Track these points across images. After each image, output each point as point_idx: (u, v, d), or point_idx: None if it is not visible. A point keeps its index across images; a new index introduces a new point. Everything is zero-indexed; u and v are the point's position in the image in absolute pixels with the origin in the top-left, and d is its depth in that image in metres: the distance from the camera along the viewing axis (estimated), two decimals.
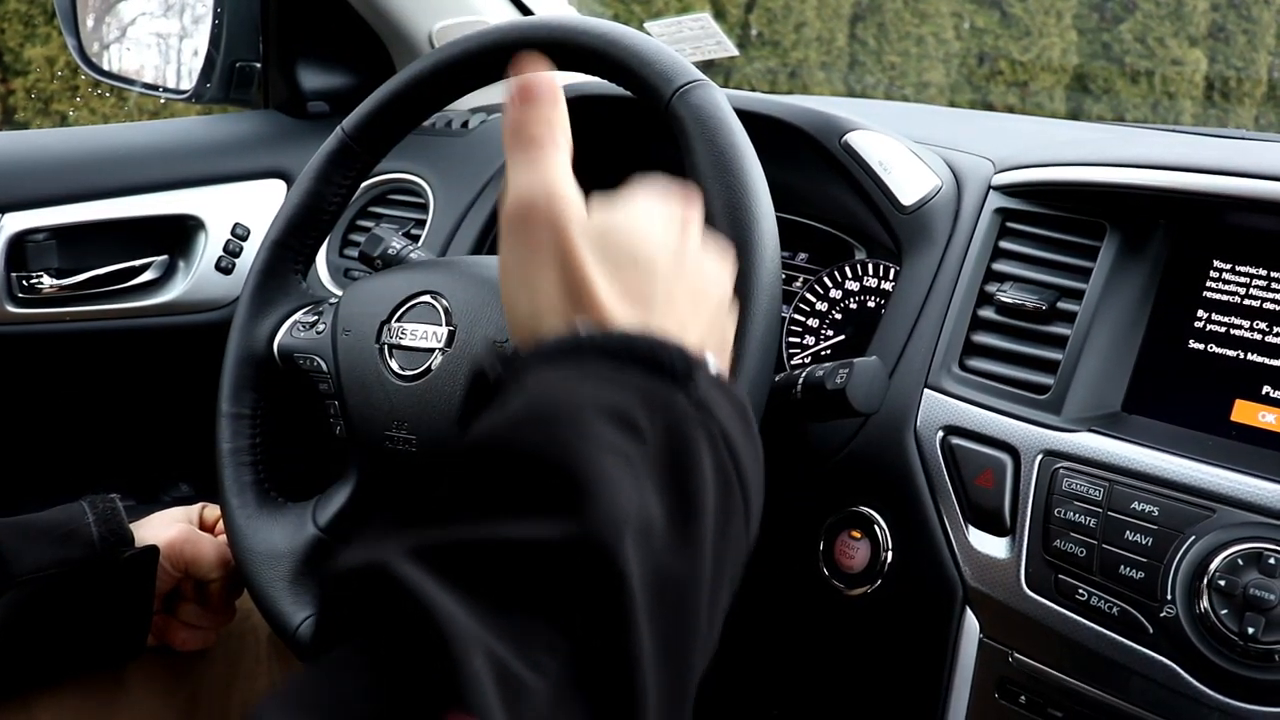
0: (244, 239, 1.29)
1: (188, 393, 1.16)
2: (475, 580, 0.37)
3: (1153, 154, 0.82)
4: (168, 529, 0.82)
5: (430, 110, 0.85)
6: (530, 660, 0.36)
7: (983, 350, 0.83)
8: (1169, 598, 0.70)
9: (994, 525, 0.78)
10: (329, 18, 1.38)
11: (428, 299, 0.78)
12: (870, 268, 0.98)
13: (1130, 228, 0.81)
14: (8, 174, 1.19)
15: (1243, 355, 0.78)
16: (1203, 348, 0.79)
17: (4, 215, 1.17)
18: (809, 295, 1.00)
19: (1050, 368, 0.80)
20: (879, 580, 0.82)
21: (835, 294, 0.99)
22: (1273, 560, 0.67)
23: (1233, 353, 0.78)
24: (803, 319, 1.00)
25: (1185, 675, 0.69)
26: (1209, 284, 0.80)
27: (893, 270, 0.96)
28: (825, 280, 1.00)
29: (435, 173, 1.20)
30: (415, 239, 1.16)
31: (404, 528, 0.40)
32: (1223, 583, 0.68)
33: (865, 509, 0.83)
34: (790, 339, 1.01)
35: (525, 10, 1.40)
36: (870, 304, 0.97)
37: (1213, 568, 0.68)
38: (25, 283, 1.19)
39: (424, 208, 1.19)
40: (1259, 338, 0.78)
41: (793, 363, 1.00)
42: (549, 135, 0.53)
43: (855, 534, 0.84)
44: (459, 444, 0.43)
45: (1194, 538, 0.70)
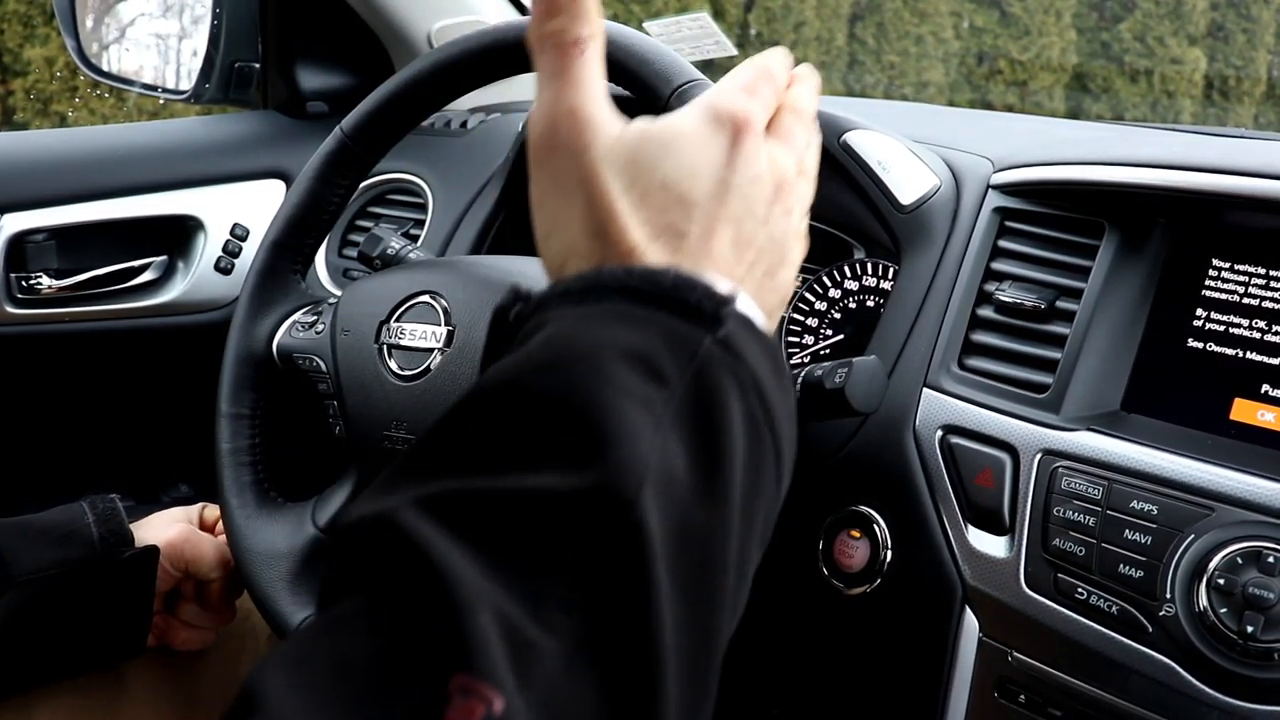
0: (243, 239, 1.29)
1: (187, 393, 1.16)
2: (484, 532, 0.35)
3: (1152, 153, 0.82)
4: (167, 529, 0.82)
5: (429, 110, 0.85)
6: (542, 619, 0.34)
7: (982, 349, 0.83)
8: (1168, 596, 0.70)
9: (993, 524, 0.78)
10: (328, 18, 1.38)
11: (427, 299, 0.78)
12: (869, 267, 0.98)
13: (1129, 227, 0.81)
14: (7, 174, 1.19)
15: (1242, 354, 0.78)
16: (1202, 346, 0.79)
17: (3, 216, 1.17)
18: (808, 295, 1.00)
19: (1049, 367, 0.80)
20: (878, 579, 0.82)
21: (834, 293, 0.99)
22: (1271, 559, 0.67)
23: (1232, 351, 0.78)
24: (801, 318, 1.00)
25: (1184, 674, 0.69)
26: (1208, 283, 0.80)
27: (892, 269, 0.96)
28: (824, 279, 1.00)
29: (434, 173, 1.20)
30: (414, 239, 1.16)
31: (414, 475, 0.38)
32: (1222, 581, 0.68)
33: (864, 508, 0.84)
34: (789, 338, 1.01)
35: (524, 10, 1.41)
36: (869, 303, 0.97)
37: (1212, 566, 0.68)
38: (25, 283, 1.19)
39: (423, 208, 1.19)
40: (1258, 336, 0.78)
41: (791, 362, 1.00)
42: (576, 43, 0.46)
43: (854, 533, 0.84)
44: (473, 386, 0.40)
45: (1193, 536, 0.70)
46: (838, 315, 0.99)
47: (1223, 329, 0.79)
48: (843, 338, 0.98)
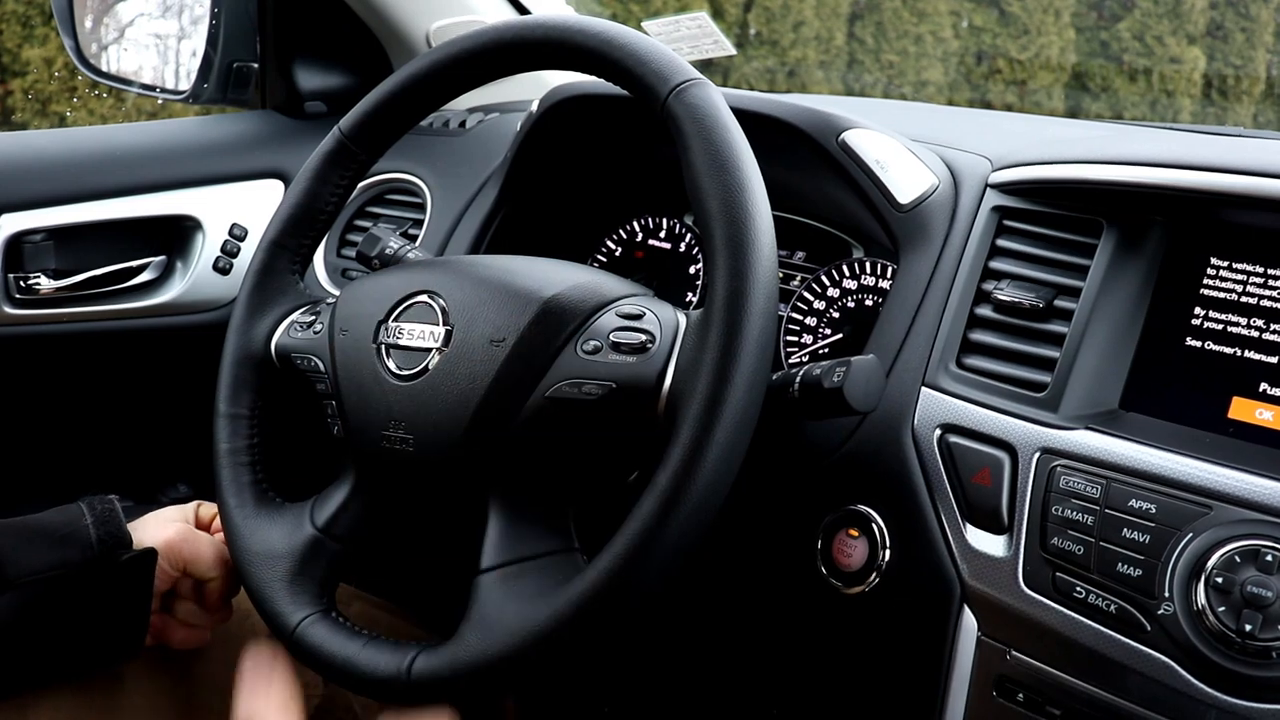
0: (241, 239, 1.29)
1: (185, 393, 1.16)
2: None
3: (1150, 151, 0.82)
4: (164, 529, 0.82)
5: (427, 110, 0.85)
6: None
7: (980, 348, 0.83)
8: (1166, 595, 0.70)
9: (991, 523, 0.78)
10: (326, 18, 1.38)
11: (425, 299, 0.78)
12: (868, 266, 0.98)
13: (1127, 225, 0.81)
14: (5, 175, 1.19)
15: (1240, 352, 0.78)
16: (1200, 345, 0.79)
17: (1, 216, 1.17)
18: (806, 294, 1.00)
19: (1048, 365, 0.80)
20: (877, 579, 0.82)
21: (833, 292, 0.99)
22: (1270, 557, 0.67)
23: (1230, 350, 0.78)
24: (800, 317, 1.00)
25: (1183, 672, 0.69)
26: (1206, 281, 0.80)
27: (890, 269, 0.96)
28: (823, 279, 1.00)
29: (432, 173, 1.20)
30: (413, 239, 1.16)
31: None
32: (1220, 580, 0.68)
33: (863, 507, 0.83)
34: (788, 337, 1.01)
35: (522, 9, 1.41)
36: (868, 302, 0.97)
37: (1210, 565, 0.68)
38: (23, 284, 1.19)
39: (421, 208, 1.19)
40: (1256, 335, 0.78)
41: (790, 361, 1.00)
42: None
43: (853, 533, 0.84)
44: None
45: (1191, 535, 0.70)
46: (836, 314, 0.99)
47: (1221, 328, 0.79)
48: (841, 337, 0.98)
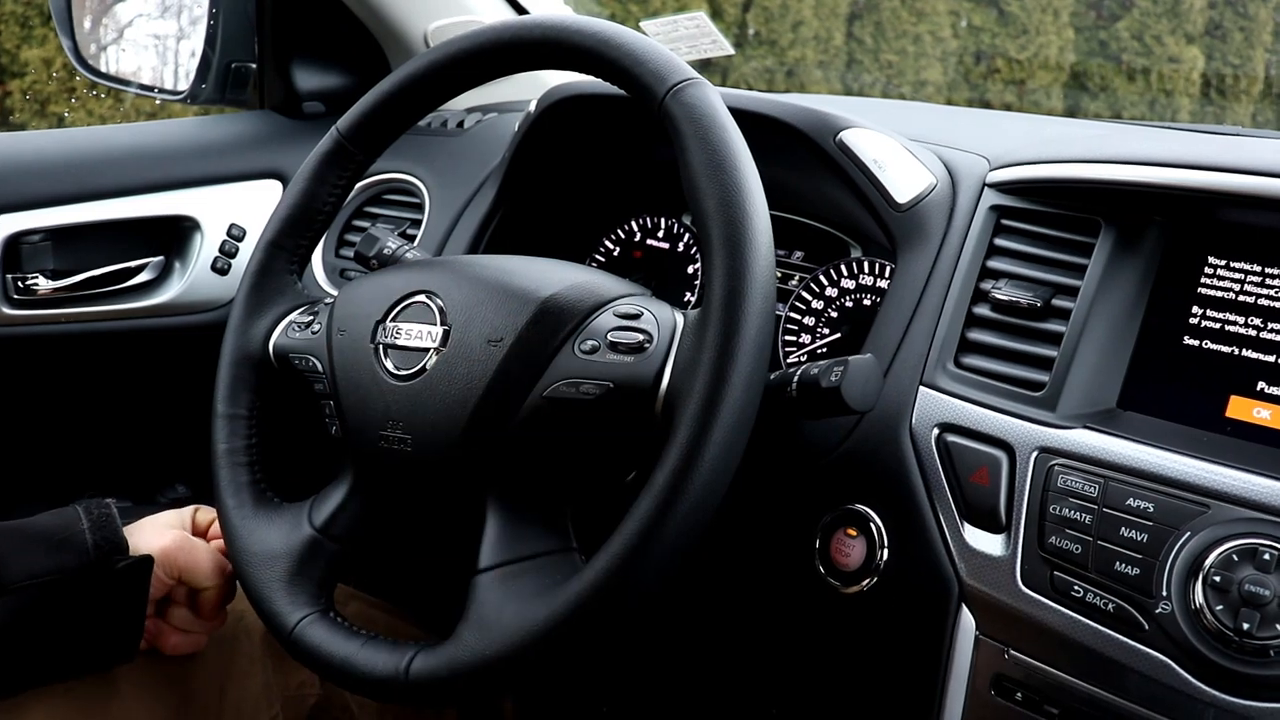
0: (240, 239, 1.29)
1: (184, 393, 1.16)
2: None
3: (1147, 150, 0.82)
4: (161, 536, 0.81)
5: (425, 110, 0.85)
6: None
7: (978, 347, 0.83)
8: (1164, 594, 0.70)
9: (989, 522, 0.78)
10: (324, 18, 1.38)
11: (422, 299, 0.78)
12: (866, 265, 0.98)
13: (1125, 224, 0.81)
14: (3, 175, 1.19)
15: (1237, 351, 0.78)
16: (1198, 344, 0.79)
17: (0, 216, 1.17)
18: (804, 293, 1.00)
19: (1045, 365, 0.80)
20: (875, 578, 0.82)
21: (831, 292, 0.99)
22: (1267, 556, 0.67)
23: (1227, 349, 0.78)
24: (798, 317, 1.00)
25: (1181, 671, 0.69)
26: (1204, 280, 0.80)
27: (888, 268, 0.96)
28: (821, 278, 1.00)
29: (431, 173, 1.20)
30: (411, 239, 1.16)
31: None
32: (1218, 578, 0.68)
33: (861, 507, 0.83)
34: (786, 337, 1.01)
35: (520, 9, 1.41)
36: (866, 302, 0.97)
37: (1208, 564, 0.68)
38: (21, 284, 1.19)
39: (419, 208, 1.19)
40: (1254, 334, 0.78)
41: (788, 361, 1.00)
42: None
43: (851, 532, 0.84)
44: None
45: (1189, 534, 0.70)
46: (834, 314, 0.99)
47: (1218, 326, 0.79)
48: (839, 336, 0.98)
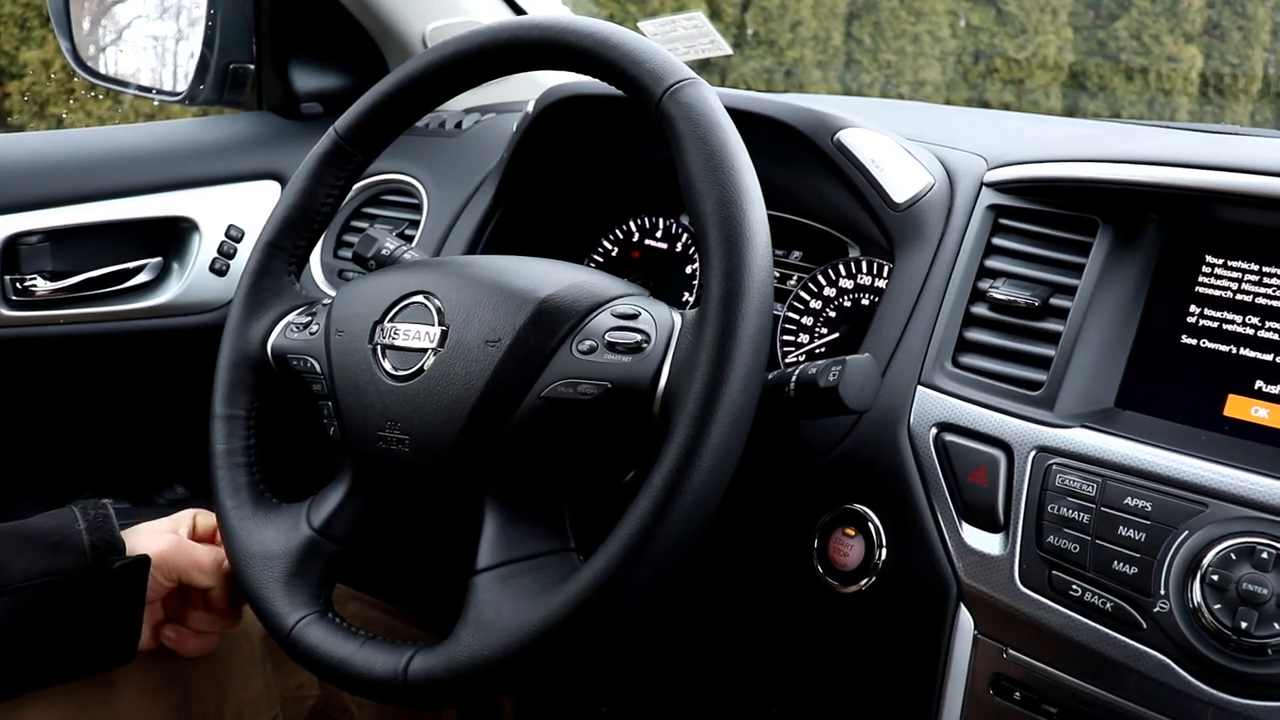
0: (238, 240, 1.29)
1: (182, 395, 1.16)
2: None
3: (1145, 149, 0.82)
4: (156, 540, 0.81)
5: (423, 110, 0.85)
6: None
7: (976, 347, 0.83)
8: (1162, 593, 0.70)
9: (987, 522, 0.78)
10: (322, 19, 1.37)
11: (420, 299, 0.78)
12: (864, 265, 0.98)
13: (1123, 223, 0.82)
14: (2, 177, 1.19)
15: (1235, 350, 0.78)
16: (1195, 343, 0.79)
17: None
18: (802, 293, 1.00)
19: (1043, 364, 0.80)
20: (873, 577, 0.82)
21: (829, 292, 0.99)
22: (1265, 555, 0.67)
23: (1225, 348, 0.78)
24: (796, 317, 1.00)
25: (1179, 670, 0.69)
26: (1201, 279, 0.80)
27: (886, 267, 0.96)
28: (819, 278, 1.00)
29: (429, 173, 1.20)
30: (409, 239, 1.16)
31: None
32: (1215, 577, 0.68)
33: (859, 506, 0.83)
34: (785, 337, 1.01)
35: (518, 10, 1.41)
36: (864, 301, 0.97)
37: (1205, 563, 0.68)
38: (19, 285, 1.19)
39: (417, 208, 1.19)
40: (1251, 332, 0.78)
41: (786, 361, 1.00)
42: None
43: (849, 532, 0.84)
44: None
45: (1187, 533, 0.70)
46: (832, 314, 0.99)
47: (1216, 325, 0.79)
48: (838, 336, 0.98)
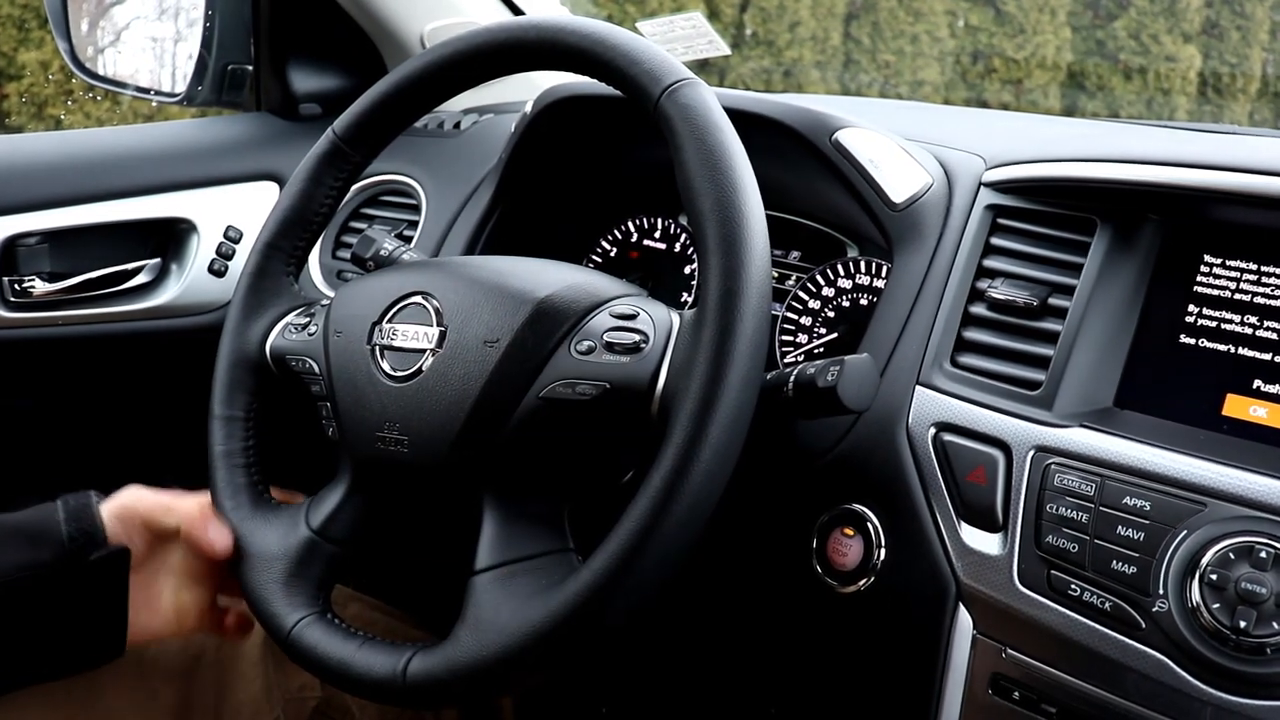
0: (236, 241, 1.29)
1: (180, 396, 1.16)
2: None
3: (1143, 149, 0.82)
4: (116, 499, 0.80)
5: (421, 111, 0.85)
6: None
7: (974, 347, 0.83)
8: (1161, 592, 0.70)
9: (986, 522, 0.78)
10: (320, 20, 1.37)
11: (419, 300, 0.78)
12: (862, 265, 0.98)
13: (1121, 223, 0.82)
14: (0, 178, 1.19)
15: (1234, 350, 0.78)
16: (1194, 342, 0.79)
17: None
18: (801, 293, 1.00)
19: (1042, 364, 0.80)
20: (872, 577, 0.82)
21: (828, 292, 0.99)
22: (1264, 554, 0.67)
23: (1224, 347, 0.79)
24: (795, 317, 1.00)
25: (1178, 669, 0.69)
26: (1200, 279, 0.80)
27: (885, 268, 0.96)
28: (818, 278, 1.00)
29: (427, 174, 1.20)
30: (407, 240, 1.16)
31: None
32: (1214, 577, 0.68)
33: (858, 506, 0.84)
34: (783, 337, 1.01)
35: (517, 11, 1.41)
36: (863, 301, 0.97)
37: (1204, 562, 0.68)
38: (17, 286, 1.19)
39: (416, 209, 1.19)
40: (1250, 332, 0.78)
41: (785, 361, 1.00)
42: None
43: (848, 532, 0.84)
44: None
45: (1186, 532, 0.70)
46: (831, 314, 0.99)
47: (1215, 325, 0.79)
48: (836, 336, 0.98)
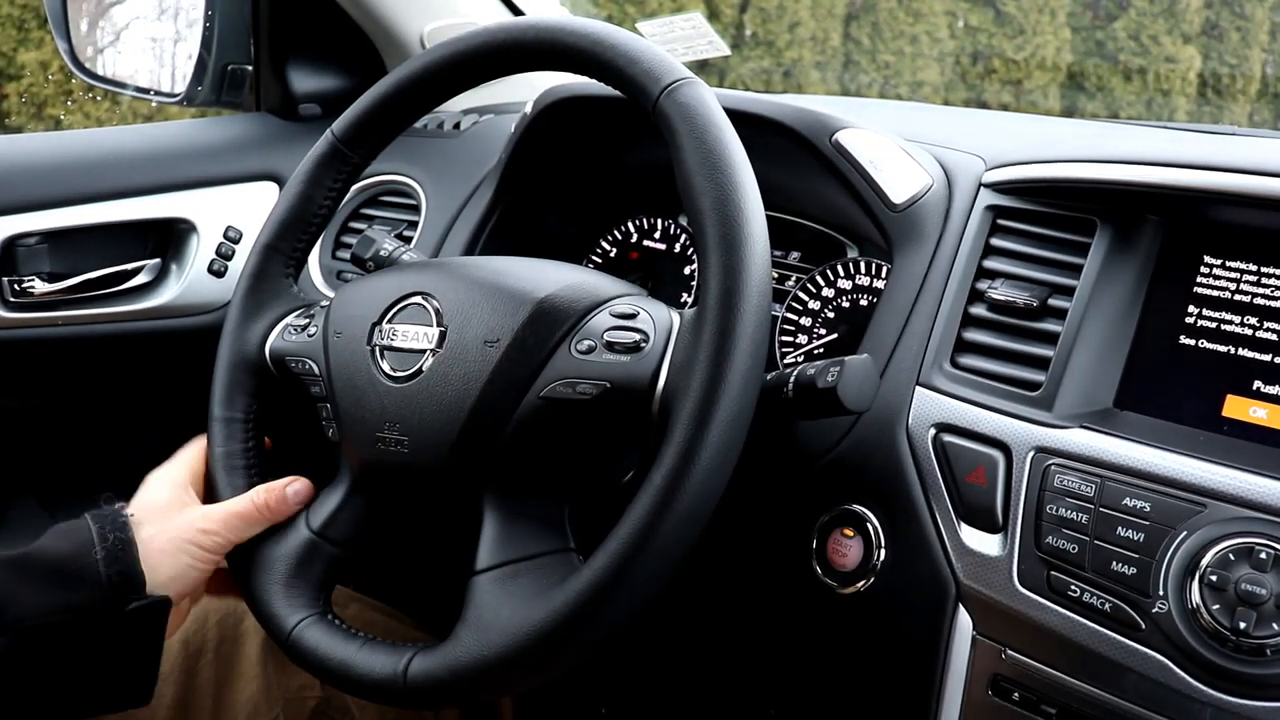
0: (236, 242, 1.29)
1: (180, 397, 1.16)
2: None
3: (1143, 150, 0.82)
4: (158, 491, 0.79)
5: (421, 112, 0.85)
6: None
7: (974, 347, 0.83)
8: (1160, 593, 0.70)
9: (986, 522, 0.78)
10: (320, 20, 1.37)
11: (418, 300, 0.78)
12: (862, 266, 0.98)
13: (1121, 224, 0.82)
14: (0, 178, 1.19)
15: (1233, 350, 0.78)
16: (1194, 343, 0.79)
17: None
18: (801, 294, 1.00)
19: (1042, 364, 0.80)
20: (872, 578, 0.82)
21: (828, 292, 0.99)
22: (1264, 555, 0.67)
23: (1224, 348, 0.78)
24: (795, 318, 1.00)
25: (1177, 670, 0.69)
26: (1199, 279, 0.80)
27: (885, 268, 0.96)
28: (818, 279, 1.00)
29: (427, 174, 1.20)
30: (407, 240, 1.16)
31: None
32: (1214, 578, 0.68)
33: (857, 507, 0.83)
34: (783, 338, 1.01)
35: (516, 11, 1.41)
36: (863, 302, 0.97)
37: (1204, 563, 0.68)
38: (17, 287, 1.19)
39: (416, 209, 1.19)
40: (1249, 333, 0.78)
41: (785, 361, 1.00)
42: None
43: (848, 532, 0.84)
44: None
45: (1185, 533, 0.70)
46: (831, 314, 0.99)
47: (1215, 326, 0.79)
48: (836, 337, 0.98)
